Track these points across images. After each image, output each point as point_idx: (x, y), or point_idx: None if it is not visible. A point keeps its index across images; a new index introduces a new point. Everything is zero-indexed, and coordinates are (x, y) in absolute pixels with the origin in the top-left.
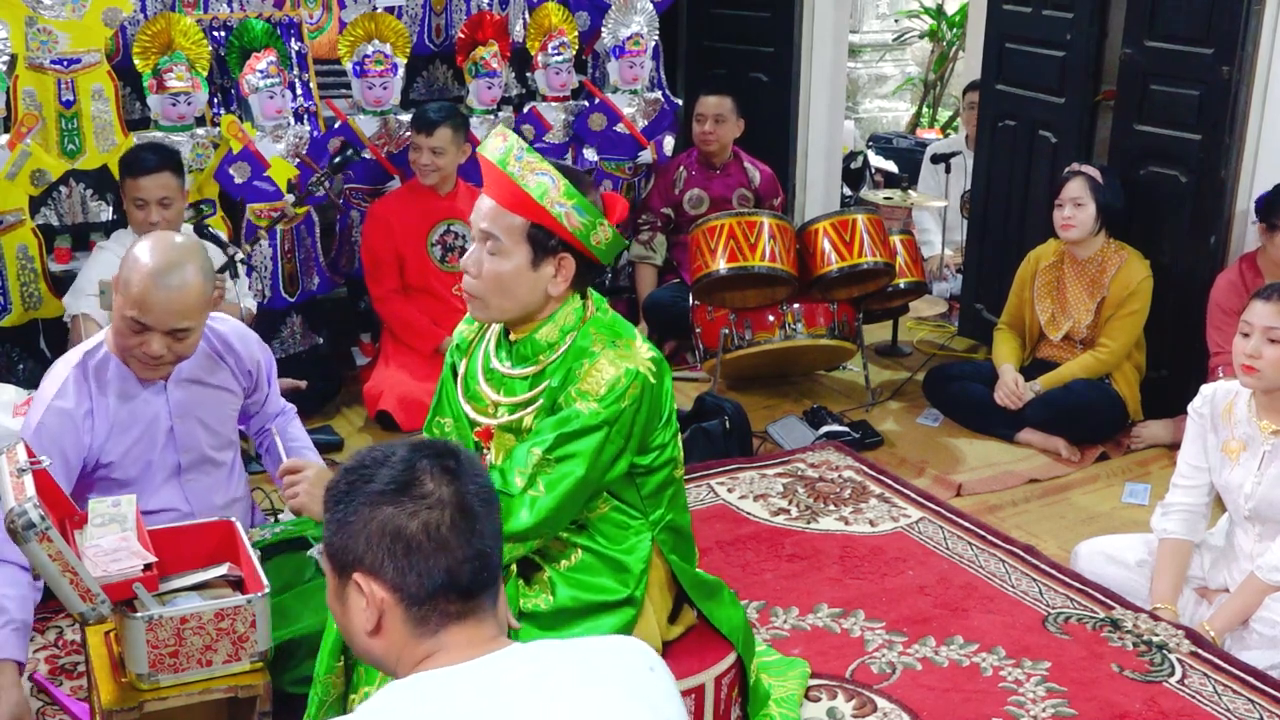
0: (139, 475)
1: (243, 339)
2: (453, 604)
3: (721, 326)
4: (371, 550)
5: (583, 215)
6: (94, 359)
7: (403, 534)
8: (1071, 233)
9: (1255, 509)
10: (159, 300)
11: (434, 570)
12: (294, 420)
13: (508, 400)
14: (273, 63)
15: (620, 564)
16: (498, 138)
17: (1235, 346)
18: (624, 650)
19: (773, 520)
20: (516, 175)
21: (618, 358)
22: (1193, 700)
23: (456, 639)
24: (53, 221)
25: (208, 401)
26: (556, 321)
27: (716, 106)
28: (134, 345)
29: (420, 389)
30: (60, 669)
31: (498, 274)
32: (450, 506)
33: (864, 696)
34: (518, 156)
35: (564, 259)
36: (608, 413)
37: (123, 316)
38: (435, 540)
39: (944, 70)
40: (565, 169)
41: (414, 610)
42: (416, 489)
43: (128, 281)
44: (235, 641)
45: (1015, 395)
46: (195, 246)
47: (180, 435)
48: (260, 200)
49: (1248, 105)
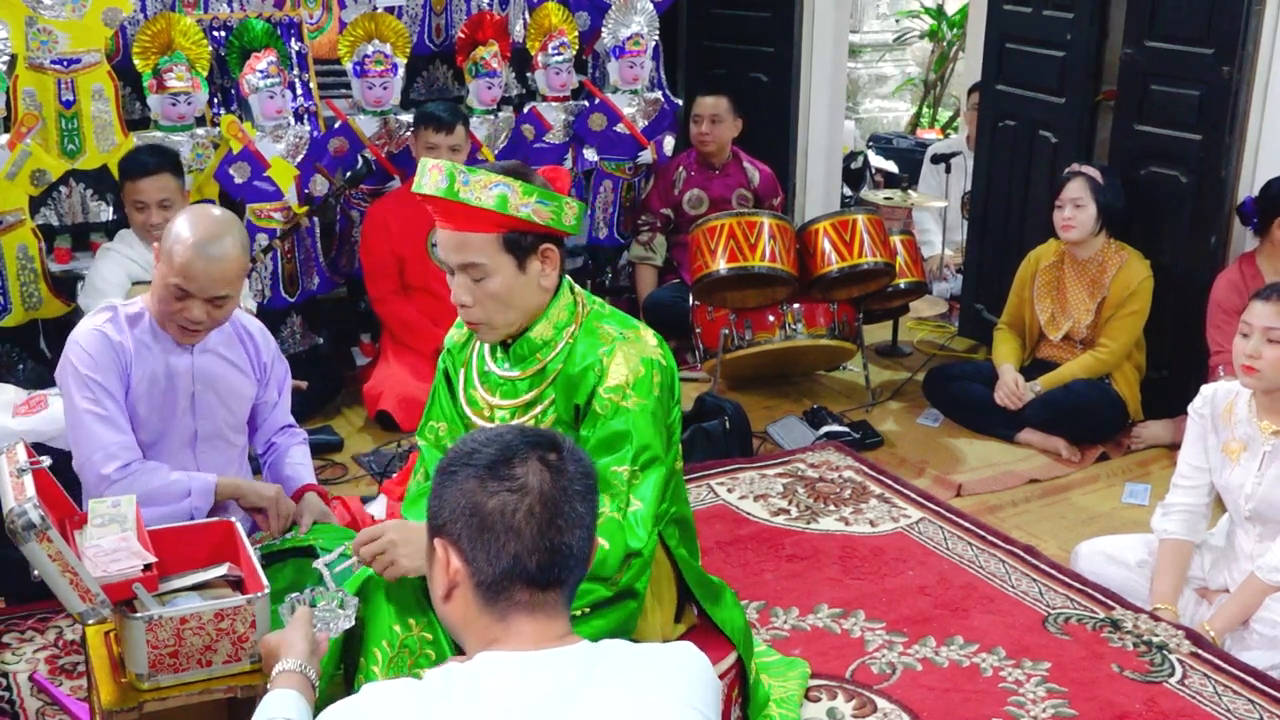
0: (157, 437)
1: (264, 335)
2: (521, 593)
3: (721, 326)
4: (453, 520)
5: (547, 204)
6: (130, 310)
7: (479, 510)
8: (1072, 233)
9: (1256, 509)
10: (201, 269)
11: (501, 553)
12: (303, 445)
13: (507, 403)
14: (273, 63)
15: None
16: (432, 171)
17: (1235, 347)
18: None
19: (773, 520)
20: (473, 199)
21: (632, 351)
22: (1193, 700)
23: (524, 629)
24: (53, 221)
25: (227, 376)
26: (550, 318)
27: (713, 107)
28: (175, 311)
29: (420, 389)
30: (60, 669)
31: (493, 294)
32: (533, 494)
33: (864, 697)
34: (464, 181)
35: (547, 250)
36: (651, 402)
37: (166, 285)
38: (506, 523)
39: (944, 70)
40: (509, 169)
41: (483, 590)
42: (506, 470)
43: (170, 252)
44: (235, 642)
45: (1015, 395)
46: (232, 219)
47: (200, 403)
48: (260, 200)
49: (1248, 105)
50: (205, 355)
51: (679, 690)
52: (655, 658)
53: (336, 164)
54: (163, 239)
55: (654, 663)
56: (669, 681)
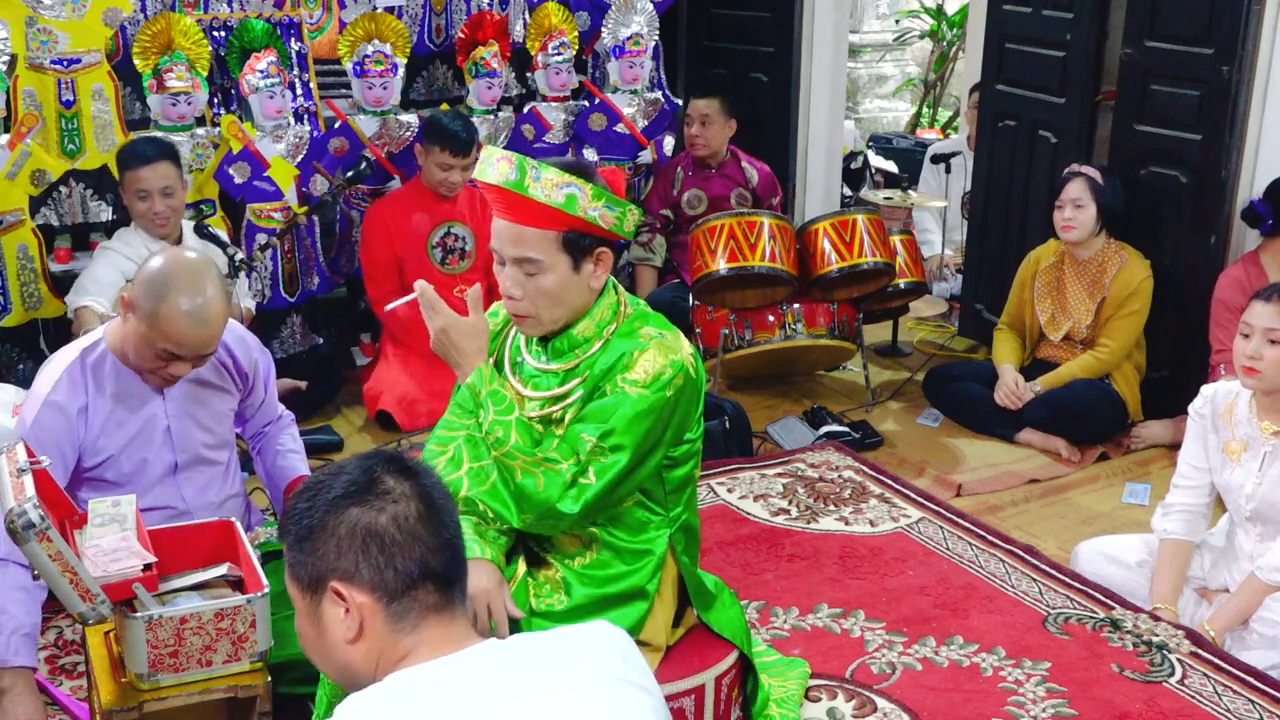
0: (134, 473)
1: (242, 342)
2: (430, 594)
3: (721, 326)
4: (344, 556)
5: (613, 210)
6: (92, 356)
7: (374, 530)
8: (1072, 234)
9: (1256, 509)
10: (195, 337)
11: (409, 561)
12: (290, 428)
13: (537, 394)
14: (273, 63)
15: (636, 555)
16: (501, 161)
17: (1236, 348)
18: (598, 639)
19: (773, 520)
20: (541, 196)
21: (665, 349)
22: (1193, 700)
23: (434, 634)
24: (53, 221)
25: (205, 401)
26: (593, 317)
27: (702, 109)
28: (158, 368)
29: (420, 389)
30: (60, 669)
31: (545, 290)
32: (415, 499)
33: (864, 696)
34: (535, 177)
35: (602, 253)
36: (655, 398)
37: (152, 347)
38: (406, 531)
39: (944, 70)
40: (578, 169)
41: (394, 606)
42: (378, 487)
43: (156, 316)
44: (235, 641)
45: (1015, 395)
46: (208, 263)
47: (177, 435)
48: (260, 200)
49: (1248, 105)
50: (178, 388)
51: (606, 667)
52: (568, 641)
53: (336, 164)
54: (142, 293)
55: (569, 646)
56: (593, 661)
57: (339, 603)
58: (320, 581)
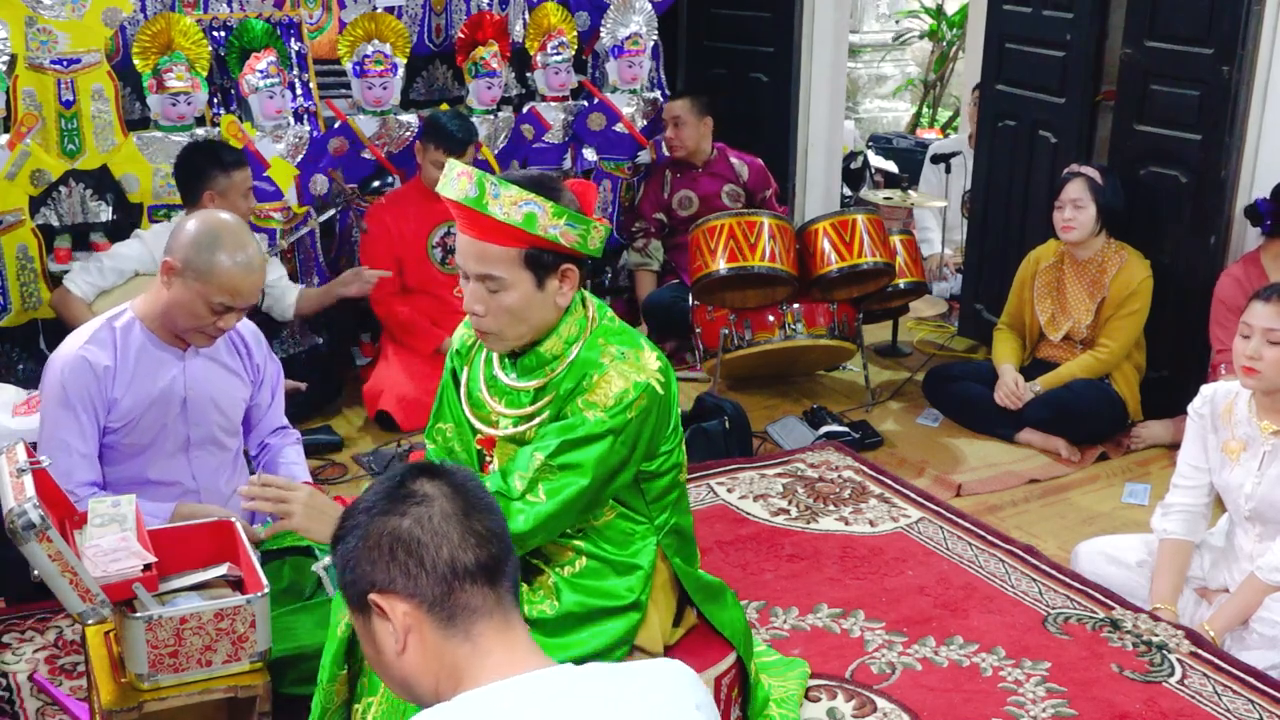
0: (150, 442)
1: (257, 338)
2: (473, 595)
3: (721, 326)
4: (378, 567)
5: (576, 227)
6: (119, 320)
7: (399, 535)
8: (1072, 234)
9: (1255, 509)
10: (249, 285)
11: (438, 560)
12: (296, 445)
13: (511, 412)
14: (273, 63)
15: (626, 568)
16: (461, 177)
17: (1235, 348)
18: (676, 685)
19: (773, 520)
20: (502, 215)
21: (627, 369)
22: (1193, 700)
23: (490, 642)
24: (52, 221)
25: (220, 381)
26: (560, 334)
27: (675, 110)
28: (210, 323)
29: (420, 389)
30: (60, 669)
31: (507, 308)
32: (439, 497)
33: (864, 696)
34: (494, 194)
35: (567, 270)
36: (613, 422)
37: (207, 302)
38: (430, 531)
39: (944, 70)
40: (539, 185)
41: (438, 612)
42: (403, 491)
43: (209, 272)
44: (235, 641)
45: (1015, 395)
46: (239, 221)
47: (192, 408)
48: (260, 200)
49: (1248, 105)
50: (196, 361)
51: (680, 697)
52: (641, 675)
53: (336, 164)
54: (187, 254)
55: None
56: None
57: (382, 616)
58: (363, 598)
